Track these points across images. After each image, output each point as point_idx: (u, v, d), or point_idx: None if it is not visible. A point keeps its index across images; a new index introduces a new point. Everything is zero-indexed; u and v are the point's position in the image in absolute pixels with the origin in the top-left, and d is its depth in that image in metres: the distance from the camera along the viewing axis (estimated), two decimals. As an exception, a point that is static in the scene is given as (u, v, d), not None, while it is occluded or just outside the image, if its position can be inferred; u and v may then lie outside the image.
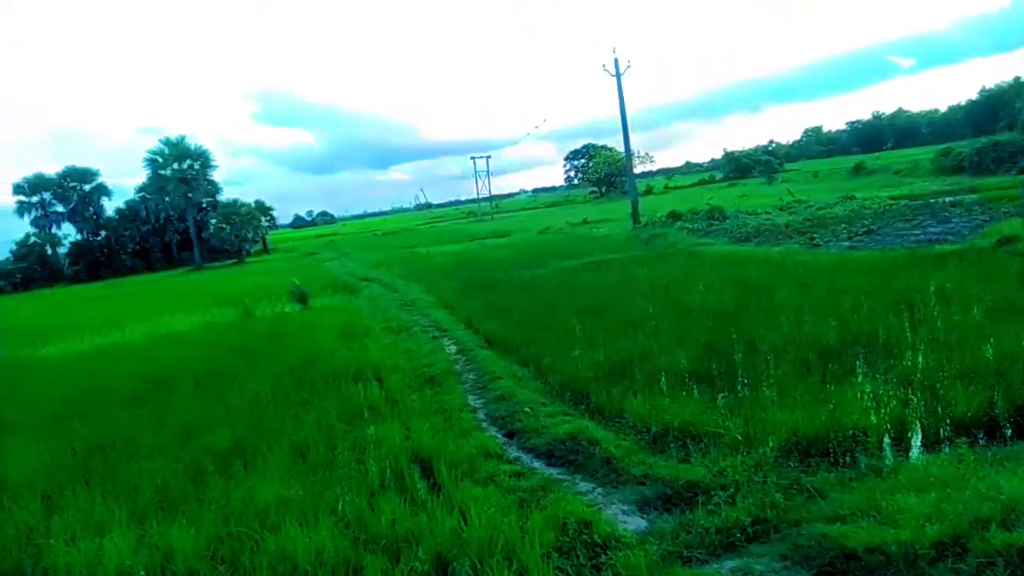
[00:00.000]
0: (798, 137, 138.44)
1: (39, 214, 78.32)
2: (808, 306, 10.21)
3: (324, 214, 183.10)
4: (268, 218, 79.95)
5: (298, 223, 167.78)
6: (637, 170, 70.40)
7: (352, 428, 7.83)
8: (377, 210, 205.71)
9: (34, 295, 58.44)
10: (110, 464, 7.34)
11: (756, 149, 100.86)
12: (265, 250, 77.88)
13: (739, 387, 7.54)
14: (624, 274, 16.77)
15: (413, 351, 11.87)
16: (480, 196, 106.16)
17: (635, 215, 37.40)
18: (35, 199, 78.20)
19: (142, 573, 4.95)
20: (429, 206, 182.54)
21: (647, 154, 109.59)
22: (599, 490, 5.78)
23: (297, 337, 13.89)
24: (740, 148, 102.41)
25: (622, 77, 37.40)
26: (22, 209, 78.01)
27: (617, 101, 37.82)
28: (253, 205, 73.65)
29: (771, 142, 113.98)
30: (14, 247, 77.19)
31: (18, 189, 78.06)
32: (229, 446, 7.43)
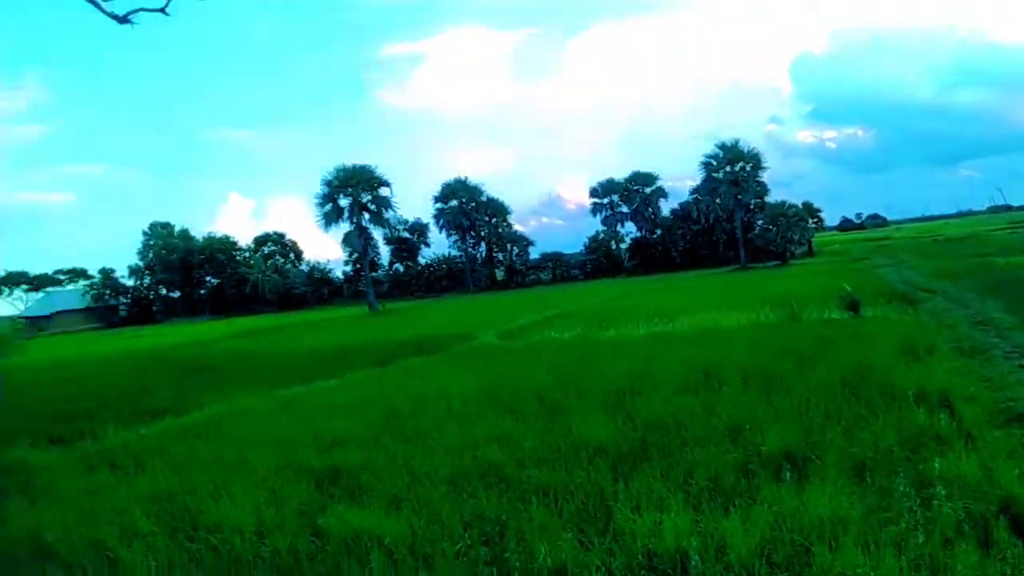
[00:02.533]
0: None
1: (608, 214, 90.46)
2: None
3: (874, 216, 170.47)
4: (815, 220, 78.16)
5: (845, 225, 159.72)
6: None
7: (914, 457, 6.92)
8: (938, 212, 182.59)
9: (599, 283, 67.77)
10: (665, 445, 7.83)
11: None
12: (810, 253, 76.28)
13: None
14: None
15: (993, 380, 10.03)
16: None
17: None
18: (605, 200, 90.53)
19: (695, 556, 5.10)
20: (1007, 208, 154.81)
21: None
22: None
23: (847, 346, 13.05)
24: None
25: None
26: (595, 209, 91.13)
27: None
28: (800, 206, 72.66)
29: None
30: (586, 241, 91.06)
31: (593, 192, 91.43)
32: (778, 450, 7.25)
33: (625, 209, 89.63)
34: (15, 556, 6.43)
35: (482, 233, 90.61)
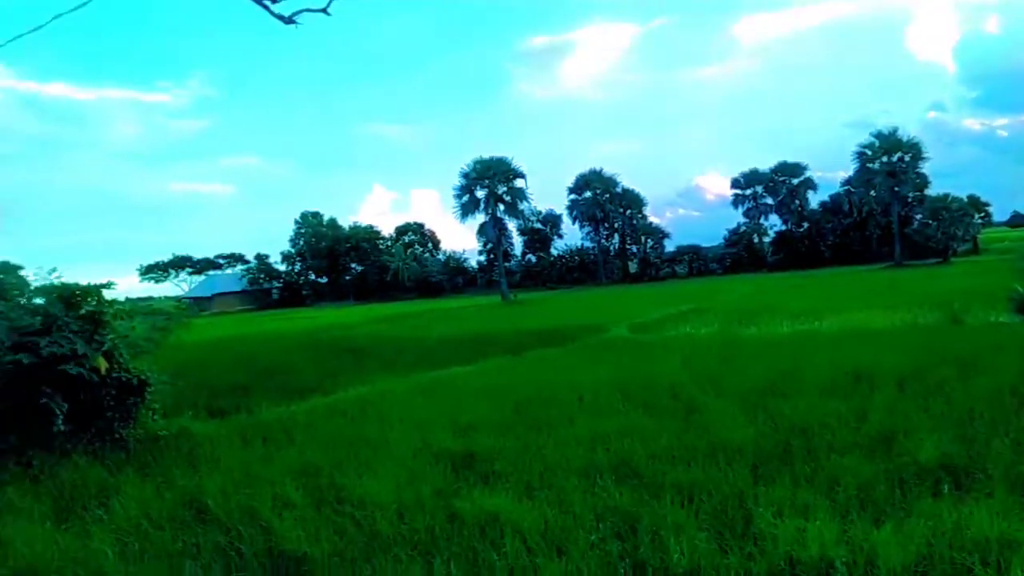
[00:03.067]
0: None
1: (750, 205, 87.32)
2: None
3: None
4: (981, 215, 71.94)
5: (1016, 221, 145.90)
6: None
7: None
8: None
9: (739, 278, 65.57)
10: (810, 450, 7.46)
11: None
12: (975, 250, 70.50)
13: None
14: None
15: None
16: None
17: None
18: (748, 192, 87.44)
19: (842, 567, 4.83)
20: None
21: None
22: None
23: (1018, 353, 11.92)
24: None
25: None
26: (737, 201, 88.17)
27: None
28: (965, 200, 67.15)
29: None
30: (726, 234, 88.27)
31: (735, 183, 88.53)
32: (935, 461, 6.74)
33: (770, 201, 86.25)
34: (181, 518, 7.01)
35: (616, 225, 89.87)
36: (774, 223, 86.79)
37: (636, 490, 6.72)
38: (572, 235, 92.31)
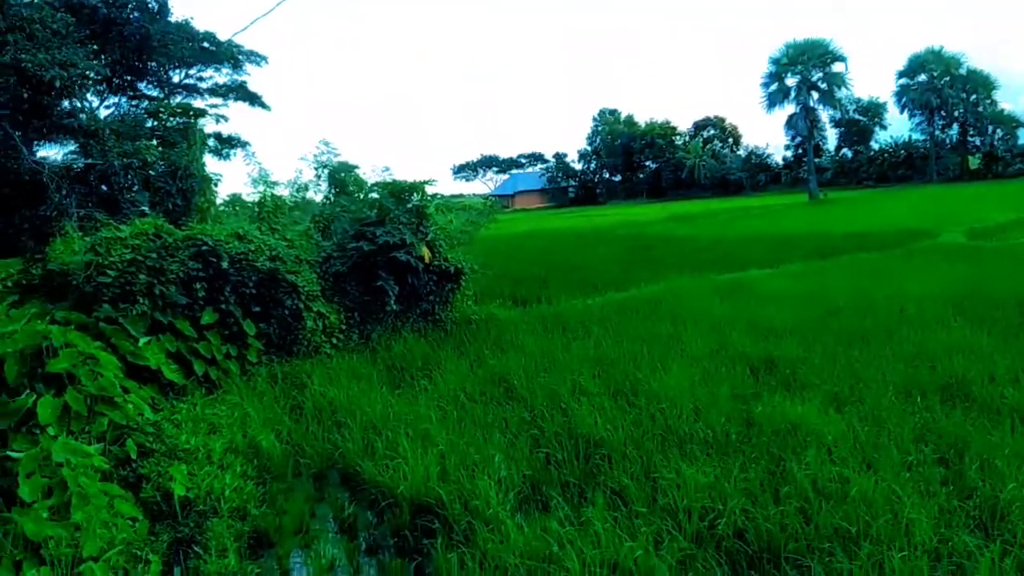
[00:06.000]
0: None
1: None
2: None
3: None
4: None
5: None
6: None
7: None
8: None
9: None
10: None
11: None
12: None
13: None
14: None
15: None
16: None
17: None
18: None
19: None
20: None
21: None
22: None
23: None
24: None
25: None
26: None
27: None
28: None
29: None
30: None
31: None
32: None
33: None
34: (491, 394, 7.66)
35: (955, 113, 77.21)
36: None
37: (966, 413, 5.93)
38: (898, 126, 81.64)
